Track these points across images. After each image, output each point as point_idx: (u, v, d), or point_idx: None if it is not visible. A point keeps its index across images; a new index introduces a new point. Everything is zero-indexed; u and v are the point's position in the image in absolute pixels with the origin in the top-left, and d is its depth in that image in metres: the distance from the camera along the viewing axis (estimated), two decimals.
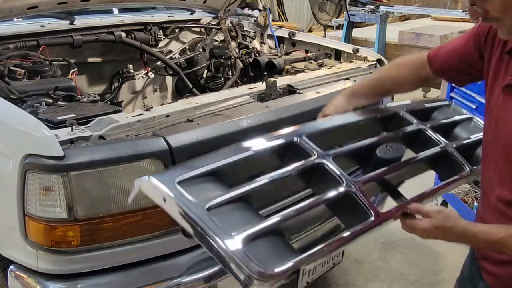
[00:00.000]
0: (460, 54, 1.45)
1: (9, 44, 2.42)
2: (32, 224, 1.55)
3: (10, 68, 2.30)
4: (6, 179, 1.57)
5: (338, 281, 2.91)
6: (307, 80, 2.26)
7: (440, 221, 1.25)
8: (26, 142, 1.54)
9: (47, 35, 2.58)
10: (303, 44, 3.15)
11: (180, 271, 1.68)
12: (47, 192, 1.50)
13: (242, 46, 3.14)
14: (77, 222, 1.53)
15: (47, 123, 1.63)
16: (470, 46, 1.41)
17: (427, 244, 3.30)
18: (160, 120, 1.72)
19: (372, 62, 2.64)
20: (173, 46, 3.17)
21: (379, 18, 5.67)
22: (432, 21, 6.74)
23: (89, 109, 1.85)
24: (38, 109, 1.82)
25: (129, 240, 1.62)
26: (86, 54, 2.84)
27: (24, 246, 1.59)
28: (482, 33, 1.36)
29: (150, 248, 1.66)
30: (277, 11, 8.83)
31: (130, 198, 1.24)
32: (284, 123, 1.89)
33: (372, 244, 3.27)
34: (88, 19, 2.81)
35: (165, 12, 3.39)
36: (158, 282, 1.65)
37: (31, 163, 1.49)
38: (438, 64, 1.51)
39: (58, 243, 1.55)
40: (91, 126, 1.62)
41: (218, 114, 1.82)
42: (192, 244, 1.73)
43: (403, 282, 2.96)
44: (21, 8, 2.43)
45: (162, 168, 1.60)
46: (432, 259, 3.11)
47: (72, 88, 2.23)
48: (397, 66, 1.63)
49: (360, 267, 3.06)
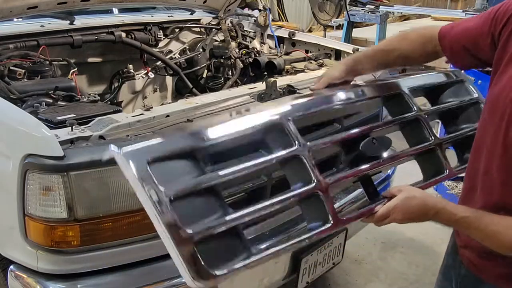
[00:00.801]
0: (472, 35, 1.36)
1: (9, 44, 2.42)
2: (32, 224, 1.55)
3: (10, 68, 2.30)
4: (6, 179, 1.57)
5: (338, 281, 2.91)
6: (307, 80, 2.25)
7: (404, 205, 1.30)
8: (26, 142, 1.54)
9: (47, 35, 2.57)
10: (303, 44, 3.15)
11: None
12: (47, 192, 1.50)
13: (242, 46, 3.14)
14: (77, 222, 1.53)
15: (47, 123, 1.63)
16: (484, 30, 1.31)
17: (427, 244, 3.30)
18: (160, 120, 1.71)
19: None
20: (173, 46, 3.17)
21: (379, 18, 5.67)
22: (432, 21, 6.74)
23: (89, 109, 1.85)
24: (38, 109, 1.82)
25: (129, 240, 1.62)
26: (86, 54, 2.84)
27: (24, 246, 1.59)
28: (502, 16, 1.26)
29: (150, 248, 1.66)
30: (277, 11, 8.83)
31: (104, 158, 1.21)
32: None
33: (372, 244, 3.27)
34: (88, 19, 2.81)
35: (165, 12, 3.39)
36: (158, 282, 1.65)
37: (31, 163, 1.49)
38: (448, 40, 1.43)
39: (58, 243, 1.55)
40: (91, 126, 1.62)
41: (218, 114, 1.81)
42: None
43: (403, 282, 2.96)
44: (21, 8, 2.43)
45: None
46: (432, 259, 3.11)
47: (72, 88, 2.22)
48: (405, 38, 1.54)
49: (360, 267, 3.06)
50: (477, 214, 1.25)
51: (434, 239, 3.31)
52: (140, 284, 1.64)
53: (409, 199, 1.32)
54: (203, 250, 1.13)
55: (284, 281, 2.04)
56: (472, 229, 1.26)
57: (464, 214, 1.25)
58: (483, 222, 1.22)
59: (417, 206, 1.31)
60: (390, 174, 2.53)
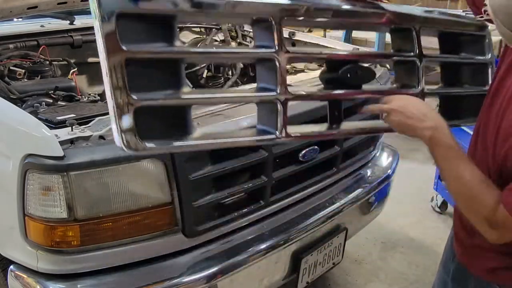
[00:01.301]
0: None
1: (9, 44, 2.42)
2: (32, 224, 1.55)
3: (10, 68, 2.31)
4: (6, 179, 1.57)
5: (338, 281, 2.91)
6: (307, 80, 2.26)
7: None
8: (26, 142, 1.54)
9: (47, 35, 2.58)
10: (303, 44, 3.15)
11: (180, 271, 1.68)
12: (47, 192, 1.50)
13: (242, 46, 3.14)
14: (77, 222, 1.53)
15: (47, 123, 1.63)
16: None
17: (427, 244, 3.30)
18: None
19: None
20: None
21: None
22: None
23: (89, 109, 1.85)
24: (38, 109, 1.82)
25: (129, 240, 1.62)
26: (86, 54, 2.84)
27: (24, 246, 1.59)
28: None
29: (150, 248, 1.66)
30: None
31: None
32: None
33: (372, 244, 3.27)
34: (88, 19, 2.81)
35: None
36: (158, 282, 1.65)
37: (31, 163, 1.49)
38: None
39: (58, 243, 1.55)
40: (91, 126, 1.62)
41: (218, 114, 1.81)
42: (192, 244, 1.74)
43: (403, 282, 2.96)
44: (21, 8, 2.43)
45: (162, 169, 1.60)
46: (432, 259, 3.11)
47: (72, 88, 2.23)
48: None
49: (360, 267, 3.06)
50: (463, 155, 1.21)
51: (434, 239, 3.31)
52: (140, 284, 1.64)
53: (412, 97, 1.28)
54: (143, 120, 1.13)
55: (284, 281, 2.04)
56: (449, 162, 1.20)
57: (456, 145, 1.20)
58: (462, 164, 1.19)
59: (421, 104, 1.24)
60: (390, 174, 2.53)
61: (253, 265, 1.82)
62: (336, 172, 2.21)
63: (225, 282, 1.75)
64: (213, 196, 1.74)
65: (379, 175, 2.47)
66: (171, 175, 1.61)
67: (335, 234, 2.18)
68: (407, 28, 1.56)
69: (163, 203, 1.63)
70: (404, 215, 3.58)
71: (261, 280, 1.92)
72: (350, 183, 2.33)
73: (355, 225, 2.40)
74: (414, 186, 3.95)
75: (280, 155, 1.89)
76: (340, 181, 2.28)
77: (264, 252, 1.85)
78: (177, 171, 1.61)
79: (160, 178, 1.61)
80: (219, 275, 1.72)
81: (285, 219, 2.00)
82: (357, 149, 2.36)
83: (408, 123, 1.25)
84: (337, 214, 2.15)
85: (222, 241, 1.81)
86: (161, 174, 1.60)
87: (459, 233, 1.40)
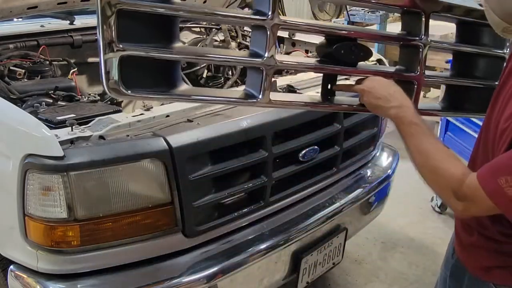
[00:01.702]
0: None
1: (9, 44, 2.42)
2: (32, 224, 1.55)
3: (10, 68, 2.31)
4: (6, 179, 1.57)
5: (338, 281, 2.91)
6: (307, 80, 2.26)
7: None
8: (26, 142, 1.54)
9: (47, 35, 2.58)
10: (303, 44, 3.14)
11: (180, 271, 1.68)
12: (47, 192, 1.50)
13: (242, 46, 3.14)
14: (77, 222, 1.53)
15: (47, 123, 1.63)
16: None
17: (427, 244, 3.30)
18: (160, 120, 1.72)
19: (372, 62, 2.64)
20: None
21: (379, 18, 5.66)
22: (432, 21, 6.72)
23: (89, 109, 1.85)
24: (38, 109, 1.82)
25: (129, 240, 1.62)
26: (86, 54, 2.84)
27: (24, 246, 1.59)
28: None
29: (150, 248, 1.66)
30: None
31: None
32: (285, 123, 1.90)
33: (372, 244, 3.27)
34: (88, 19, 2.81)
35: None
36: (158, 282, 1.65)
37: (31, 163, 1.49)
38: None
39: (58, 243, 1.55)
40: (91, 126, 1.62)
41: (218, 114, 1.82)
42: (192, 244, 1.74)
43: (403, 282, 2.96)
44: (21, 8, 2.43)
45: (162, 169, 1.60)
46: (432, 259, 3.11)
47: (72, 88, 2.23)
48: None
49: (360, 267, 3.06)
50: (427, 131, 1.24)
51: (434, 239, 3.32)
52: (140, 284, 1.64)
53: (382, 78, 1.35)
54: (130, 69, 1.19)
55: (284, 281, 2.04)
56: (413, 138, 1.24)
57: (420, 122, 1.25)
58: (426, 139, 1.22)
59: (389, 85, 1.31)
60: (390, 174, 2.53)
61: (253, 265, 1.82)
62: (336, 172, 2.21)
63: (225, 282, 1.75)
64: (213, 196, 1.74)
65: (379, 175, 2.47)
66: (171, 175, 1.61)
67: (335, 234, 2.18)
68: (417, 11, 1.58)
69: (163, 203, 1.63)
70: (404, 215, 3.58)
71: (261, 280, 1.92)
72: (350, 183, 2.33)
73: (355, 225, 2.40)
74: (414, 186, 3.92)
75: (280, 155, 1.89)
76: (340, 181, 2.29)
77: (264, 252, 1.85)
78: (177, 171, 1.61)
79: (160, 178, 1.61)
80: (219, 275, 1.72)
81: (285, 219, 2.00)
82: (357, 149, 2.36)
83: (377, 103, 1.34)
84: (337, 214, 2.15)
85: (222, 241, 1.81)
86: (161, 174, 1.60)
87: (459, 232, 1.41)
